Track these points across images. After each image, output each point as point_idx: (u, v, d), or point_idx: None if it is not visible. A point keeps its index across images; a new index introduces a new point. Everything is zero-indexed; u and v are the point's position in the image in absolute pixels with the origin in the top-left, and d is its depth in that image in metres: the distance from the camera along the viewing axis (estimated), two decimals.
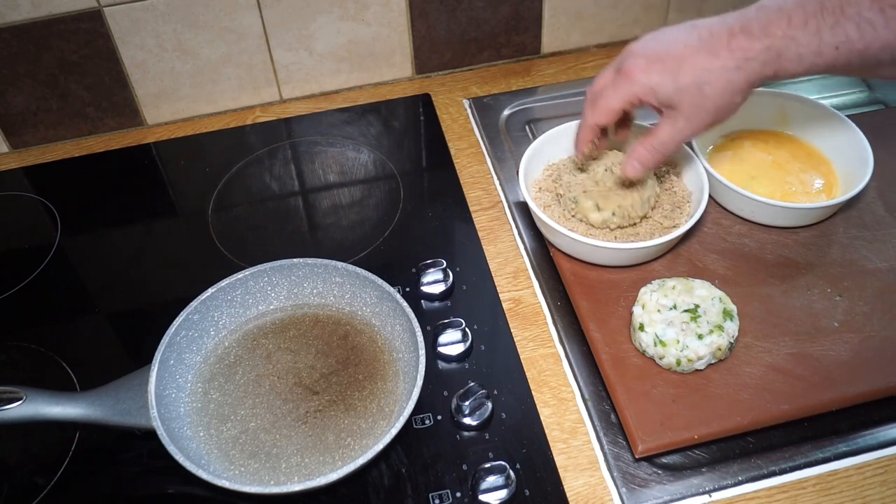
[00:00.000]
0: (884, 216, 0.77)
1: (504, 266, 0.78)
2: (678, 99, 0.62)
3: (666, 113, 0.64)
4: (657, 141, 0.66)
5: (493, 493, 0.60)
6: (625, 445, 0.64)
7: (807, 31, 0.56)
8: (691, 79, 0.60)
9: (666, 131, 0.65)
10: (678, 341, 0.64)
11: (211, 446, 0.64)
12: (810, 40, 0.57)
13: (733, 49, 0.59)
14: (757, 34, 0.58)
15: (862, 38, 0.55)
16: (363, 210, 0.86)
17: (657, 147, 0.66)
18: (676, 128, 0.64)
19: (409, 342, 0.67)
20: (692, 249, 0.75)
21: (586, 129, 0.70)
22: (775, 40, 0.58)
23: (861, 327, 0.68)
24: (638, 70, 0.63)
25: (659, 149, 0.66)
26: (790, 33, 0.57)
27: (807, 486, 0.61)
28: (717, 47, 0.60)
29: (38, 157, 0.95)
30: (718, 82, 0.60)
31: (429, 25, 0.97)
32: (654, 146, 0.66)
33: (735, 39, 0.59)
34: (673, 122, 0.64)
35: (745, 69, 0.59)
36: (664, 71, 0.61)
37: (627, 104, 0.65)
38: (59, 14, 0.85)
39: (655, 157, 0.67)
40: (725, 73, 0.60)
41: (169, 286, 0.79)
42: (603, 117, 0.67)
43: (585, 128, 0.70)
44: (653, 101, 0.64)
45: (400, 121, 0.97)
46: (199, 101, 0.97)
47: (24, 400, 0.61)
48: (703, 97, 0.61)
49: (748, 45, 0.59)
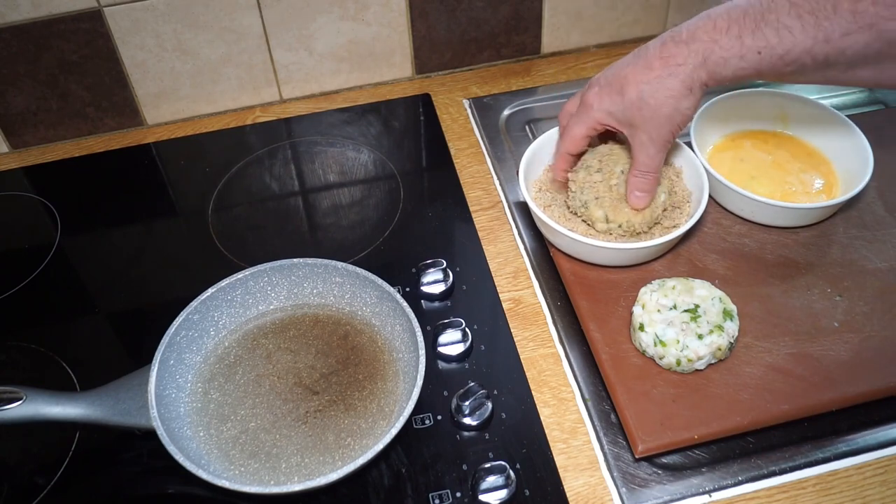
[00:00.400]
0: (884, 216, 0.77)
1: (504, 266, 0.78)
2: (630, 115, 0.66)
3: (629, 134, 0.68)
4: (640, 164, 0.69)
5: (493, 493, 0.60)
6: (625, 445, 0.64)
7: (729, 36, 0.60)
8: (635, 94, 0.64)
9: (638, 152, 0.68)
10: (678, 341, 0.64)
11: (211, 446, 0.64)
12: (733, 44, 0.60)
13: (664, 57, 0.63)
14: (684, 40, 0.62)
15: (781, 43, 0.58)
16: (363, 210, 0.86)
17: (643, 170, 0.69)
18: (643, 145, 0.67)
19: (409, 342, 0.67)
20: (692, 249, 0.75)
21: (560, 158, 0.75)
22: (701, 44, 0.61)
23: (861, 327, 0.68)
24: (593, 97, 0.68)
25: (644, 170, 0.69)
26: (714, 37, 0.60)
27: (807, 486, 0.61)
28: (650, 60, 0.64)
29: (38, 157, 0.95)
30: (658, 92, 0.63)
31: (429, 25, 0.97)
32: (641, 170, 0.69)
33: (665, 48, 0.63)
34: (638, 141, 0.67)
35: (677, 74, 0.62)
36: (612, 93, 0.66)
37: (591, 130, 0.70)
38: (59, 14, 0.85)
39: (648, 179, 0.69)
40: (661, 81, 0.63)
41: (169, 286, 0.79)
42: (572, 146, 0.72)
43: (559, 157, 0.75)
44: (613, 124, 0.68)
45: (400, 121, 0.97)
46: (199, 101, 0.97)
47: (24, 400, 0.61)
48: (649, 108, 0.64)
49: (676, 52, 0.62)
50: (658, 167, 0.69)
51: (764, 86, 0.97)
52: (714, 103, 0.82)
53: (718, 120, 0.83)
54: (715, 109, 0.82)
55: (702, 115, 0.81)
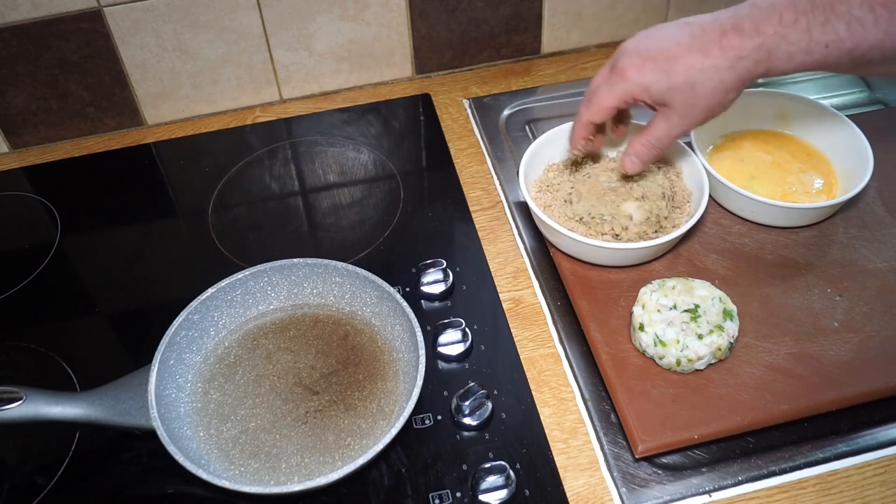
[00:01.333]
0: (884, 216, 0.77)
1: (504, 266, 0.78)
2: (671, 97, 0.63)
3: (660, 110, 0.65)
4: (653, 137, 0.67)
5: (493, 493, 0.60)
6: (625, 445, 0.64)
7: (797, 29, 0.57)
8: (683, 78, 0.61)
9: (661, 128, 0.66)
10: (678, 341, 0.64)
11: (211, 446, 0.64)
12: (800, 38, 0.57)
13: (725, 48, 0.59)
14: (748, 32, 0.58)
15: (852, 37, 0.56)
16: (363, 210, 0.86)
17: (653, 143, 0.67)
18: (670, 125, 0.65)
19: (409, 342, 0.67)
20: (692, 249, 0.75)
21: (581, 126, 0.71)
22: (766, 38, 0.58)
23: (861, 327, 0.68)
24: (632, 68, 0.63)
25: (655, 144, 0.68)
26: (781, 31, 0.57)
27: (807, 486, 0.61)
28: (708, 46, 0.60)
29: (38, 157, 0.95)
30: (710, 81, 0.61)
31: (429, 25, 0.97)
32: (651, 142, 0.67)
33: (726, 37, 0.59)
34: (667, 119, 0.65)
35: (737, 68, 0.60)
36: (657, 69, 0.62)
37: (622, 102, 0.66)
38: (59, 14, 0.85)
39: (651, 152, 0.68)
40: (717, 72, 0.60)
41: (169, 286, 0.79)
42: (597, 115, 0.68)
43: (580, 125, 0.71)
44: (646, 99, 0.64)
45: (400, 121, 0.97)
46: (199, 101, 0.97)
47: (24, 400, 0.61)
48: (695, 96, 0.62)
49: (739, 44, 0.59)
50: (666, 147, 0.68)
51: (764, 85, 0.97)
52: None
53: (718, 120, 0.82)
54: None
55: None
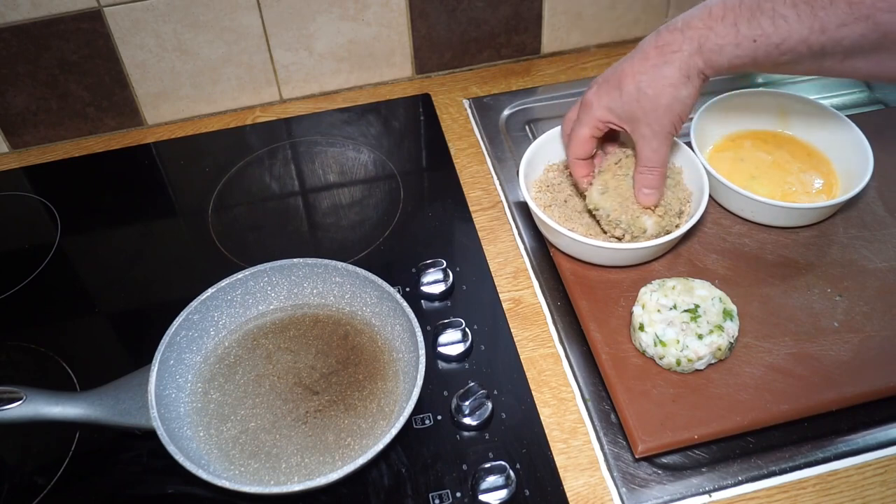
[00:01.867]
0: (884, 216, 0.77)
1: (504, 266, 0.78)
2: (629, 109, 0.65)
3: (631, 130, 0.67)
4: (644, 160, 0.68)
5: (493, 493, 0.60)
6: (625, 445, 0.64)
7: (725, 24, 0.60)
8: (633, 86, 0.64)
9: (641, 147, 0.67)
10: (678, 341, 0.64)
11: (211, 446, 0.64)
12: (728, 31, 0.60)
13: (659, 46, 0.63)
14: (679, 27, 0.62)
15: (777, 32, 0.58)
16: (363, 210, 0.86)
17: (648, 166, 0.68)
18: (645, 139, 0.66)
19: (409, 342, 0.67)
20: (692, 249, 0.75)
21: (574, 165, 0.74)
22: (695, 31, 0.61)
23: (861, 327, 0.68)
24: (591, 95, 0.68)
25: (650, 166, 0.68)
26: (709, 24, 0.60)
27: (807, 486, 0.61)
28: (646, 50, 0.64)
29: (38, 157, 0.95)
30: (655, 81, 0.63)
31: (429, 25, 0.97)
32: (647, 166, 0.68)
33: (660, 37, 0.63)
34: (641, 136, 0.67)
35: (674, 62, 0.62)
36: (610, 89, 0.66)
37: (595, 130, 0.69)
38: (59, 14, 0.85)
39: (654, 174, 0.69)
40: (657, 70, 0.63)
41: (169, 286, 0.79)
42: (580, 149, 0.71)
43: (573, 165, 0.74)
44: (614, 121, 0.68)
45: (400, 121, 0.97)
46: (199, 101, 0.97)
47: (24, 400, 0.61)
48: (648, 99, 0.64)
49: (671, 39, 0.62)
50: (664, 161, 0.68)
51: (764, 85, 0.97)
52: (714, 103, 0.82)
53: (718, 120, 0.83)
54: (715, 109, 0.82)
55: (702, 115, 0.81)
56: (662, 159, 0.68)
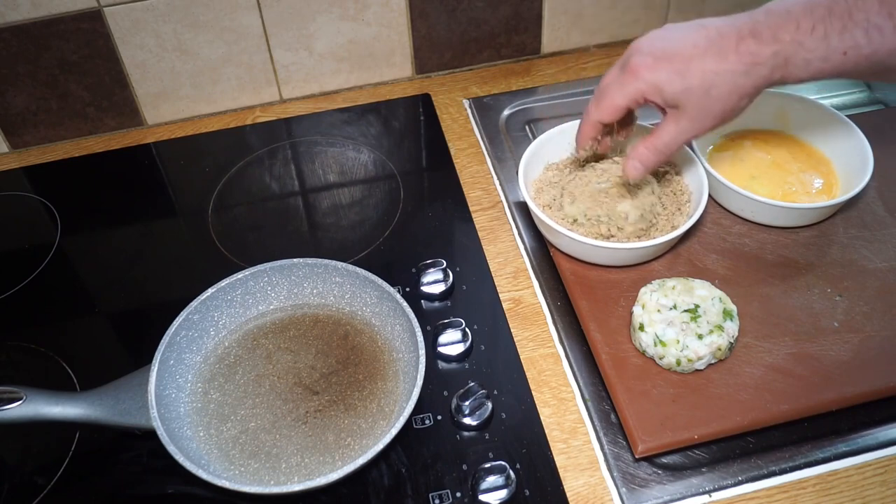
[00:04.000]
0: (884, 216, 0.77)
1: (504, 266, 0.78)
2: (684, 99, 0.61)
3: (670, 113, 0.63)
4: (660, 142, 0.65)
5: (493, 493, 0.60)
6: (625, 445, 0.64)
7: (814, 37, 0.56)
8: (699, 80, 0.60)
9: (670, 131, 0.64)
10: (678, 341, 0.64)
11: (211, 446, 0.64)
12: (818, 45, 0.56)
13: (742, 53, 0.58)
14: (766, 39, 0.58)
15: (870, 44, 0.55)
16: (363, 210, 0.86)
17: (660, 148, 0.66)
18: (680, 128, 0.63)
19: (409, 342, 0.67)
20: (692, 249, 0.75)
21: (588, 125, 0.69)
22: (783, 45, 0.57)
23: (861, 327, 0.68)
24: (644, 68, 0.62)
25: (661, 149, 0.66)
26: (798, 38, 0.57)
27: (807, 486, 0.61)
28: (725, 50, 0.59)
29: (38, 157, 0.95)
30: (725, 85, 0.59)
31: (429, 25, 0.97)
32: (658, 147, 0.66)
33: (744, 43, 0.58)
34: (677, 122, 0.63)
35: (753, 74, 0.59)
36: (671, 70, 0.60)
37: (632, 102, 0.64)
38: (59, 14, 0.85)
39: (657, 157, 0.66)
40: (733, 76, 0.59)
41: (169, 286, 0.79)
42: (607, 114, 0.66)
43: (588, 124, 0.69)
44: (658, 101, 0.63)
45: (400, 121, 0.97)
46: (199, 101, 0.97)
47: (24, 400, 0.61)
48: (709, 99, 0.60)
49: (757, 50, 0.58)
50: (673, 152, 0.66)
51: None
52: None
53: None
54: None
55: None
56: (675, 151, 0.66)
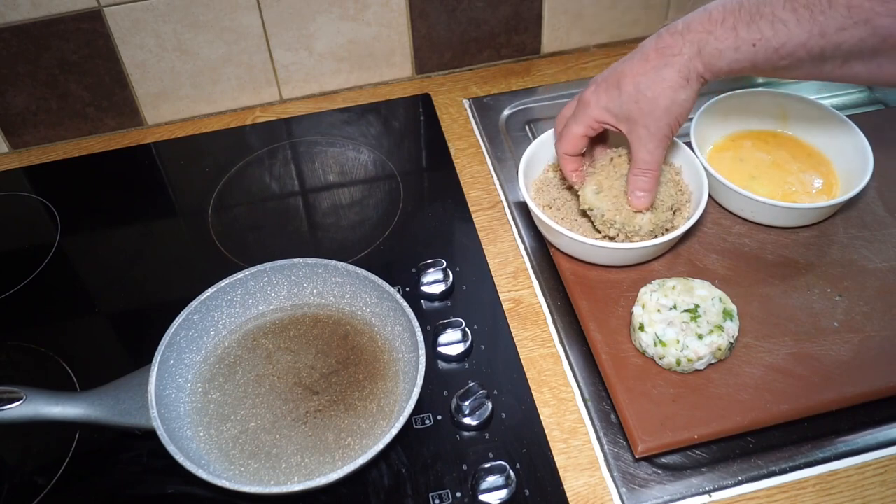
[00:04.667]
0: (884, 216, 0.77)
1: (504, 266, 0.78)
2: (627, 109, 0.65)
3: (627, 131, 0.67)
4: (639, 162, 0.68)
5: (493, 493, 0.60)
6: (625, 445, 0.64)
7: (724, 27, 0.60)
8: (632, 87, 0.64)
9: (637, 149, 0.67)
10: (678, 341, 0.64)
11: (211, 446, 0.64)
12: (727, 35, 0.60)
13: (660, 49, 0.63)
14: (679, 31, 0.63)
15: (776, 36, 0.58)
16: (363, 210, 0.86)
17: (643, 168, 0.68)
18: (642, 141, 0.66)
19: (409, 342, 0.67)
20: (692, 249, 0.75)
21: (564, 161, 0.74)
22: (695, 34, 0.61)
23: (861, 327, 0.68)
24: (589, 94, 0.68)
25: (644, 168, 0.68)
26: (709, 27, 0.61)
27: (807, 486, 0.61)
28: (647, 52, 0.64)
29: (38, 157, 0.95)
30: (654, 83, 0.63)
31: (429, 25, 0.97)
32: (641, 168, 0.68)
33: (660, 39, 0.64)
34: (637, 138, 0.67)
35: (674, 65, 0.62)
36: (609, 89, 0.66)
37: (589, 129, 0.69)
38: (59, 14, 0.85)
39: (648, 177, 0.68)
40: (657, 72, 0.63)
41: (169, 286, 0.79)
42: (570, 146, 0.71)
43: (563, 161, 0.74)
44: (611, 121, 0.68)
45: (400, 121, 0.97)
46: (199, 101, 0.97)
47: (24, 400, 0.61)
48: (646, 101, 0.64)
49: (671, 42, 0.63)
50: (658, 164, 0.68)
51: (764, 86, 0.97)
52: (714, 103, 0.82)
53: (718, 120, 0.83)
54: (715, 109, 0.82)
55: (702, 115, 0.81)
56: (657, 162, 0.68)
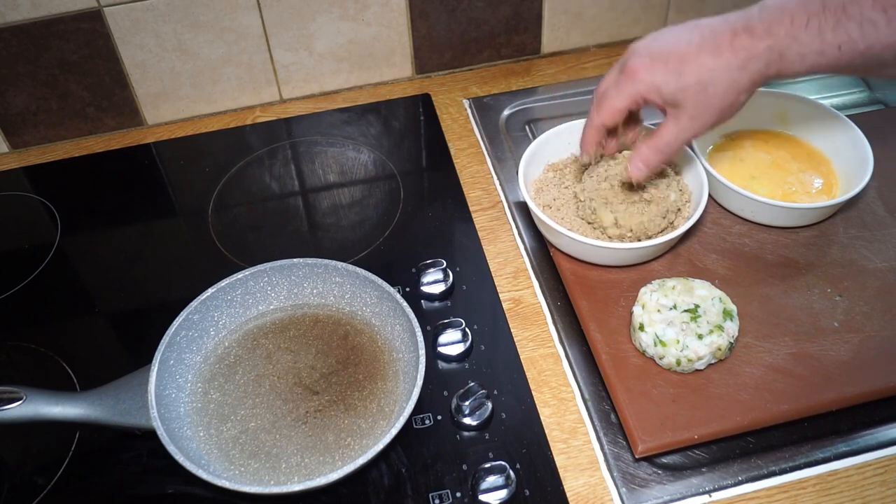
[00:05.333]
0: (884, 216, 0.77)
1: (504, 266, 0.78)
2: (682, 97, 0.62)
3: (670, 112, 0.64)
4: (662, 141, 0.66)
5: (493, 493, 0.60)
6: (625, 445, 0.64)
7: (809, 31, 0.57)
8: (695, 77, 0.60)
9: (670, 131, 0.65)
10: (678, 341, 0.64)
11: (211, 446, 0.64)
12: (812, 40, 0.57)
13: (736, 48, 0.59)
14: (759, 34, 0.58)
15: (864, 38, 0.55)
16: (363, 210, 0.86)
17: (661, 147, 0.66)
18: (680, 126, 0.64)
19: (409, 342, 0.67)
20: (692, 249, 0.75)
21: (592, 129, 0.70)
22: (778, 40, 0.58)
23: (861, 327, 0.68)
24: (642, 69, 0.63)
25: (663, 149, 0.66)
26: (792, 32, 0.57)
27: (807, 486, 0.61)
28: (720, 46, 0.60)
29: (38, 157, 0.95)
30: (722, 81, 0.60)
31: (429, 25, 0.97)
32: (659, 147, 0.66)
33: (738, 38, 0.59)
34: (677, 122, 0.64)
35: (749, 69, 0.59)
36: (668, 70, 0.61)
37: (632, 103, 0.65)
38: (59, 14, 0.85)
39: (659, 157, 0.67)
40: (729, 72, 0.60)
41: (169, 286, 0.79)
42: (608, 117, 0.67)
43: (591, 128, 0.70)
44: (657, 101, 0.63)
45: (400, 121, 0.97)
46: (199, 101, 0.97)
47: (24, 400, 0.61)
48: (707, 96, 0.61)
49: (751, 45, 0.59)
50: (675, 152, 0.66)
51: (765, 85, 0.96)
52: None
53: None
54: None
55: None
56: (677, 149, 0.66)
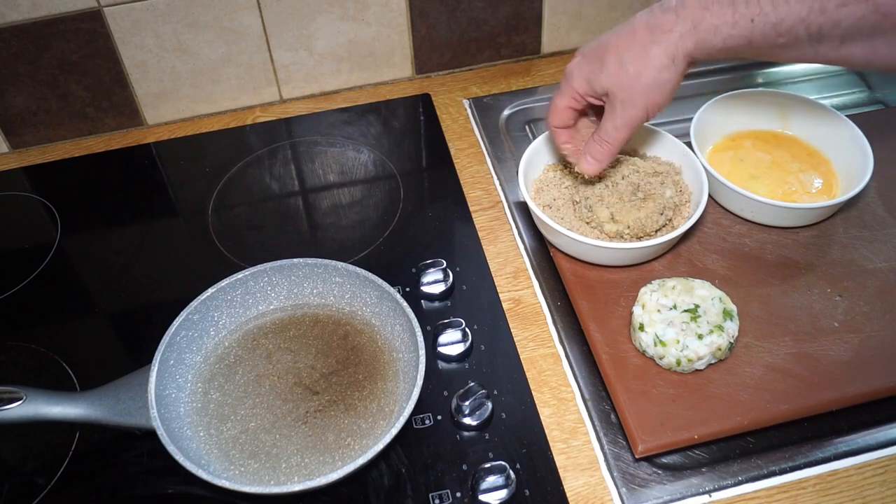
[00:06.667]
0: (884, 216, 0.77)
1: (504, 266, 0.78)
2: (608, 84, 0.64)
3: (606, 103, 0.66)
4: (602, 132, 0.68)
5: (493, 493, 0.60)
6: (625, 445, 0.64)
7: (721, 3, 0.58)
8: (615, 61, 0.63)
9: (608, 120, 0.67)
10: (678, 341, 0.64)
11: (211, 446, 0.64)
12: (724, 11, 0.58)
13: (651, 26, 0.61)
14: (673, 7, 0.61)
15: (776, 11, 0.56)
16: (363, 210, 0.86)
17: (604, 138, 0.68)
18: (616, 113, 0.65)
19: (409, 342, 0.67)
20: (692, 249, 0.75)
21: (552, 133, 0.73)
22: (689, 11, 0.60)
23: (861, 327, 0.68)
24: (574, 66, 0.67)
25: (606, 139, 0.68)
26: (706, 3, 0.59)
27: (807, 486, 0.61)
28: (636, 28, 0.62)
29: (38, 157, 0.95)
30: (640, 59, 0.62)
31: (429, 25, 0.97)
32: (602, 137, 0.68)
33: (653, 16, 0.62)
34: (612, 110, 0.66)
35: (663, 43, 0.61)
36: (592, 61, 0.65)
37: (571, 100, 0.69)
38: (59, 14, 0.85)
39: (605, 148, 0.68)
40: (643, 48, 0.62)
41: (169, 286, 0.79)
42: (554, 117, 0.71)
43: (551, 132, 0.74)
44: (591, 93, 0.67)
45: (400, 121, 0.97)
46: (199, 101, 0.97)
47: (24, 400, 0.61)
48: (629, 77, 0.63)
49: (664, 19, 0.61)
50: (620, 141, 0.67)
51: (764, 85, 0.97)
52: (714, 103, 0.82)
53: (718, 120, 0.83)
54: (715, 109, 0.82)
55: (702, 115, 0.81)
56: (620, 139, 0.67)
